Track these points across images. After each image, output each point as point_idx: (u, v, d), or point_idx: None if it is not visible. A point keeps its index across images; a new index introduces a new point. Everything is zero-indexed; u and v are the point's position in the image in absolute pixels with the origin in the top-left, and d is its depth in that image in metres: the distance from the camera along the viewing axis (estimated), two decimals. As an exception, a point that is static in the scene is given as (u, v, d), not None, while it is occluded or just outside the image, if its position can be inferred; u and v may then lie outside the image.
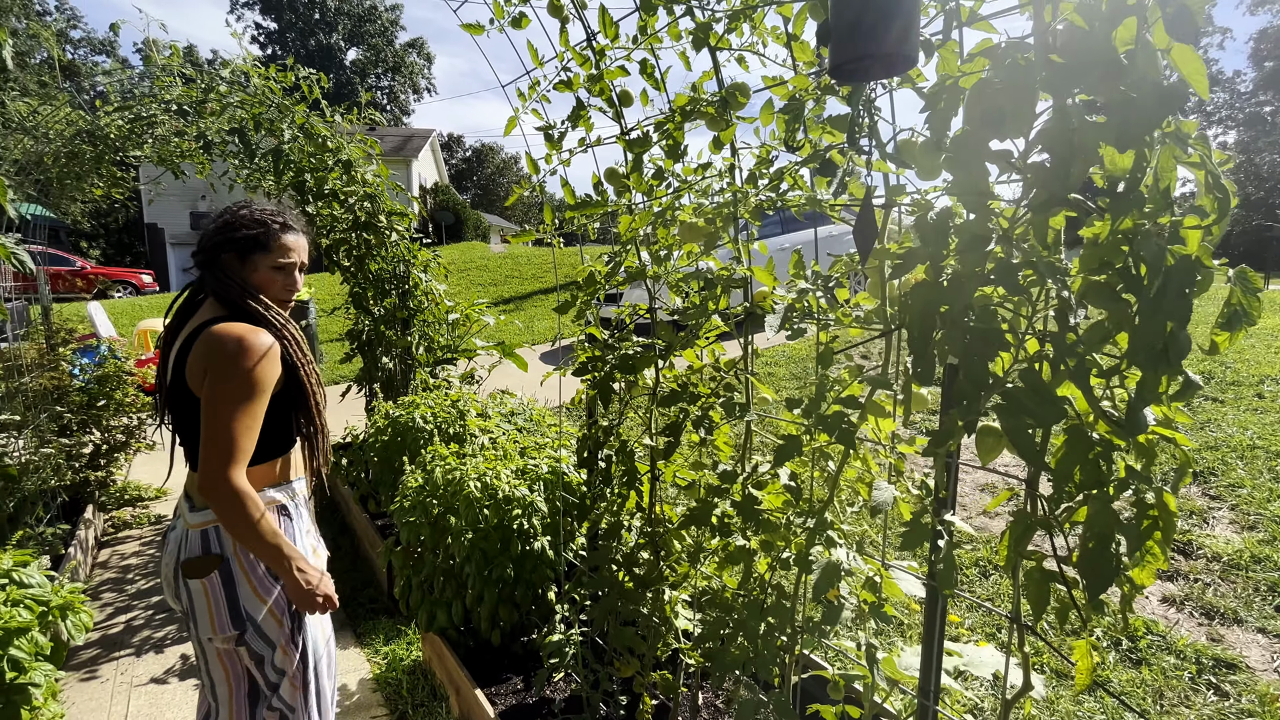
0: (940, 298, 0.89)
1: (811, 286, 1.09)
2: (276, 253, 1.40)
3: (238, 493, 1.25)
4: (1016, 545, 0.94)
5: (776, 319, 1.04)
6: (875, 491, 1.07)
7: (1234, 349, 6.50)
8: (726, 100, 1.21)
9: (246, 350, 1.27)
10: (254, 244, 1.39)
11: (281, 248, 1.41)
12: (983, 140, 0.84)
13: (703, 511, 1.28)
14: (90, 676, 2.60)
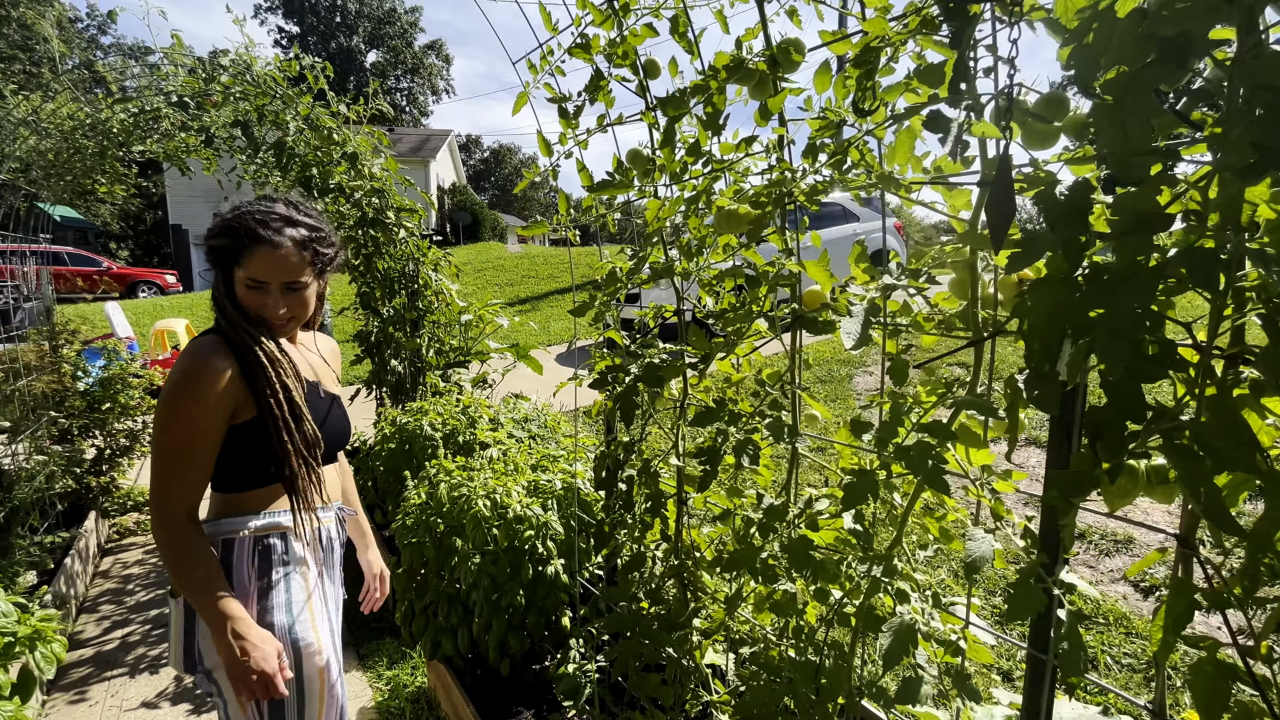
0: (1075, 300, 0.67)
1: (899, 282, 0.87)
2: (245, 269, 1.17)
3: (164, 529, 1.10)
4: (1174, 626, 0.71)
5: (855, 323, 0.82)
6: (970, 543, 0.84)
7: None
8: (777, 58, 0.99)
9: (182, 372, 1.12)
10: (223, 255, 1.19)
11: (250, 263, 1.16)
12: (1151, 83, 0.61)
13: (745, 556, 1.06)
14: (80, 698, 2.45)
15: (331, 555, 1.37)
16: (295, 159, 3.25)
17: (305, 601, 1.23)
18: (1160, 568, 3.21)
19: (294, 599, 1.21)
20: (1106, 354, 0.59)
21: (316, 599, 1.26)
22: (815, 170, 0.98)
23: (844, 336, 0.82)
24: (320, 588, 1.29)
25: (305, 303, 1.24)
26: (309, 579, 1.26)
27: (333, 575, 1.38)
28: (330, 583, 1.36)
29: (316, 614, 1.24)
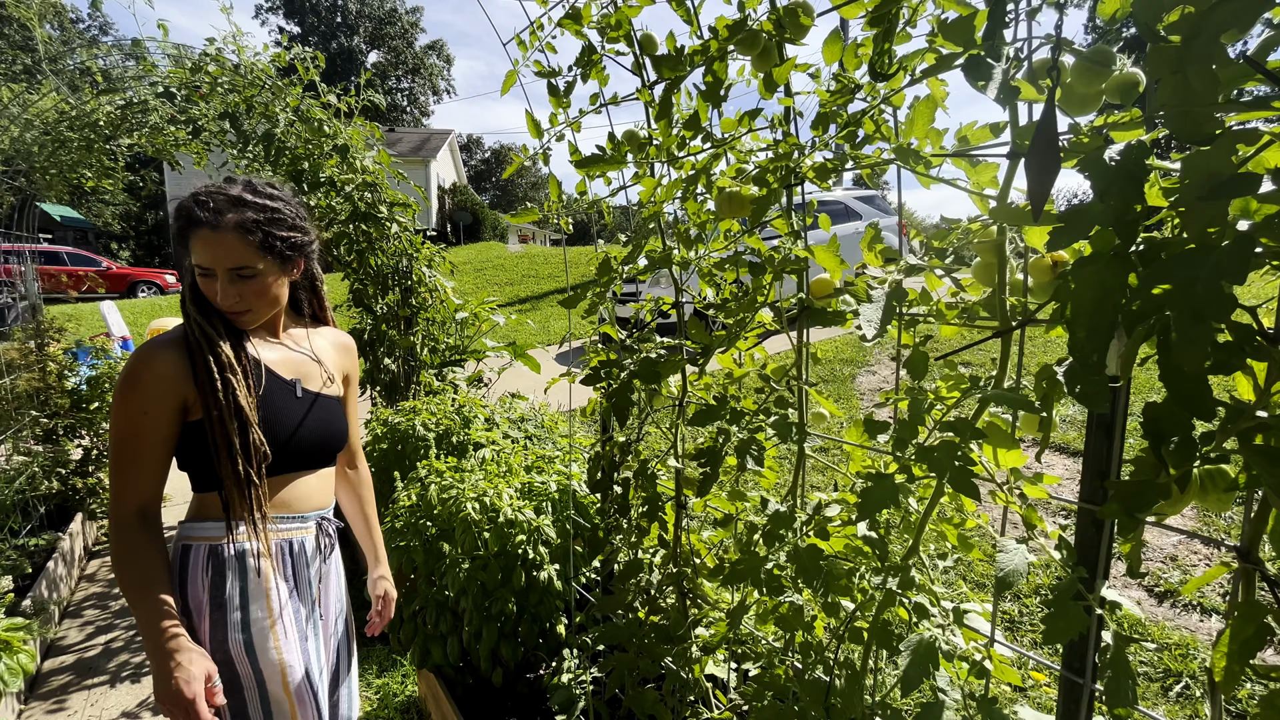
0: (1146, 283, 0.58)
1: (926, 263, 0.78)
2: (192, 254, 1.09)
3: (112, 526, 1.07)
4: (1241, 654, 0.62)
5: (876, 309, 0.73)
6: (1002, 555, 0.75)
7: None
8: (783, 21, 0.90)
9: (128, 367, 1.07)
10: (179, 241, 1.10)
11: (194, 248, 1.07)
12: (1223, 25, 0.52)
13: (749, 566, 0.98)
14: (58, 708, 2.37)
15: (306, 571, 1.23)
16: (285, 152, 3.16)
17: (267, 619, 1.13)
18: (1175, 572, 3.12)
19: (253, 616, 1.11)
20: (1186, 340, 0.51)
21: (287, 617, 1.16)
22: (825, 145, 0.89)
23: (864, 325, 0.73)
24: (294, 605, 1.19)
25: (263, 291, 1.12)
26: (275, 596, 1.15)
27: (314, 592, 1.24)
28: (312, 601, 1.24)
29: (284, 633, 1.14)
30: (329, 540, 1.30)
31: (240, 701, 1.10)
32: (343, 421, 1.31)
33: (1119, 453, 0.77)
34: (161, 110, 3.22)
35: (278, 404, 1.16)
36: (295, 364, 1.25)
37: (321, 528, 1.28)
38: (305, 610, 1.22)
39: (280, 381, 1.19)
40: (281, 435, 1.16)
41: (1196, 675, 2.44)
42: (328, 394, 1.29)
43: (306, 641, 1.21)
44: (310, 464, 1.25)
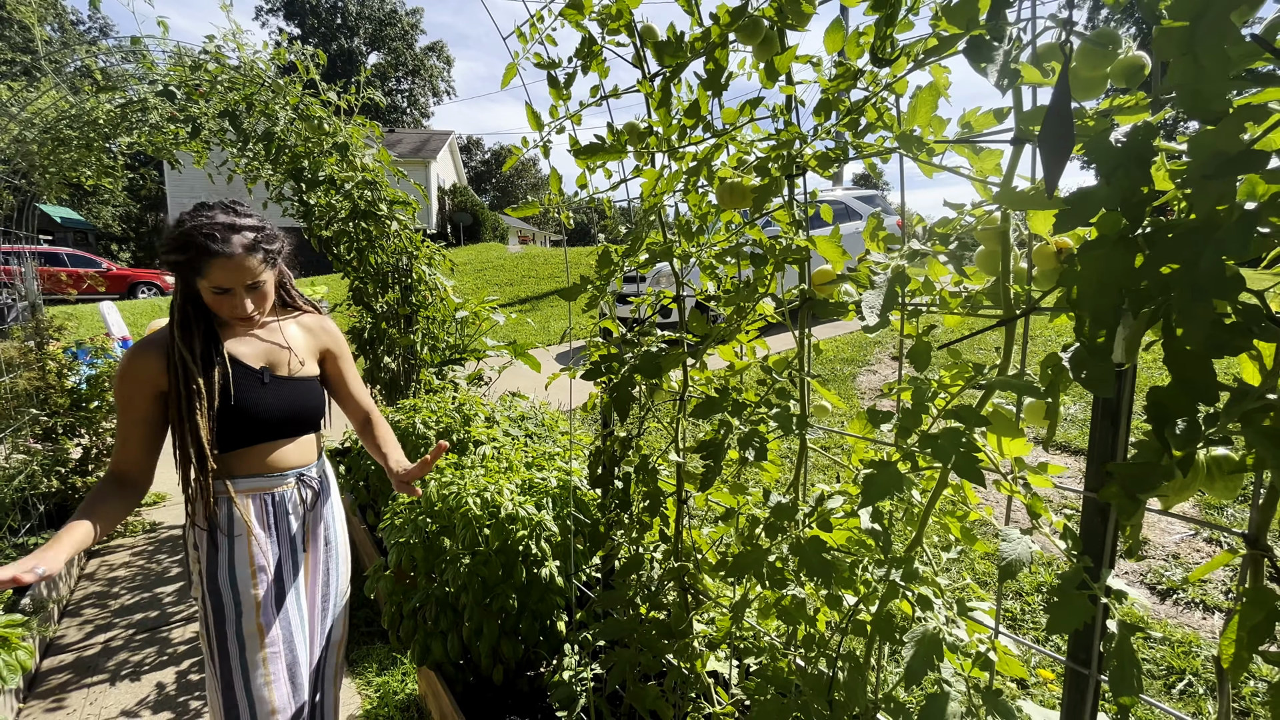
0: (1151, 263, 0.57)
1: (929, 249, 0.78)
2: (207, 279, 1.29)
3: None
4: (1250, 640, 0.61)
5: (878, 296, 0.73)
6: (1005, 544, 0.75)
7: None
8: (785, 8, 0.90)
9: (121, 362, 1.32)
10: (183, 269, 1.30)
11: (211, 274, 1.27)
12: (1230, 5, 0.52)
13: (751, 559, 0.97)
14: (57, 706, 2.36)
15: (287, 517, 1.45)
16: (285, 150, 3.16)
17: (248, 560, 1.37)
18: (1178, 569, 3.11)
19: (236, 558, 1.36)
20: (1188, 318, 0.50)
21: (262, 559, 1.39)
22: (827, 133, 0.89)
23: (866, 312, 0.72)
24: (276, 554, 1.43)
25: (266, 296, 1.36)
26: (256, 547, 1.39)
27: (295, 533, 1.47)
28: (296, 546, 1.47)
29: (261, 572, 1.38)
30: (310, 491, 1.52)
31: (223, 627, 1.34)
32: (316, 398, 1.52)
33: (1125, 440, 0.77)
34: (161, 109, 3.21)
35: (245, 391, 1.37)
36: (265, 353, 1.45)
37: (302, 480, 1.49)
38: (285, 552, 1.45)
39: (249, 371, 1.40)
40: (250, 415, 1.37)
41: (1200, 672, 2.43)
42: (299, 376, 1.49)
43: (284, 581, 1.44)
44: (283, 434, 1.45)
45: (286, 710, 1.40)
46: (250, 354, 1.43)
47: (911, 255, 0.79)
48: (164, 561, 3.52)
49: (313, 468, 1.54)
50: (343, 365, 1.62)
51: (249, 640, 1.36)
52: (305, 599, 1.52)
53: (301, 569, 1.50)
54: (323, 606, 1.57)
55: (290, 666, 1.43)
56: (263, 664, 1.37)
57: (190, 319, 1.33)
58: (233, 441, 1.37)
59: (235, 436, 1.37)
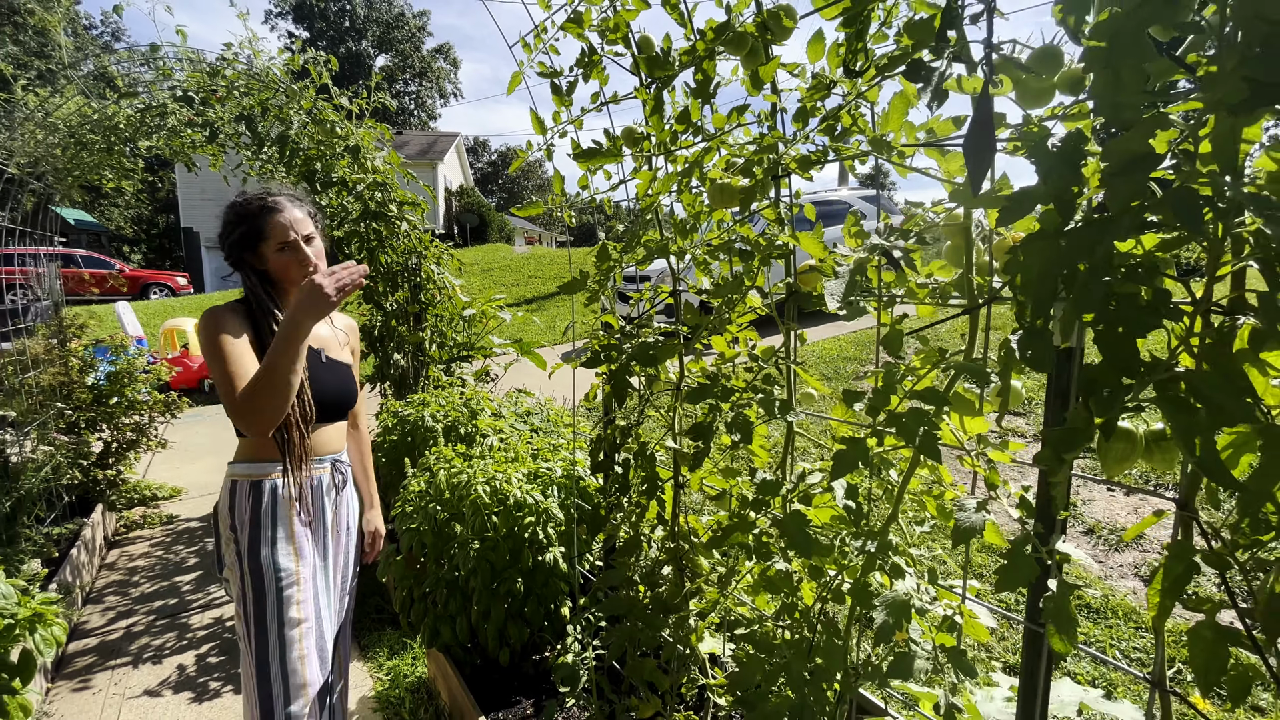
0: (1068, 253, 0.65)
1: (886, 243, 0.85)
2: (273, 237, 1.42)
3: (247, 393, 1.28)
4: (1172, 589, 0.69)
5: (840, 284, 0.81)
6: (960, 513, 0.82)
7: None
8: (768, 24, 0.98)
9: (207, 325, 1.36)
10: (246, 240, 1.43)
11: (274, 229, 1.42)
12: (1144, 23, 0.59)
13: (736, 529, 1.05)
14: (83, 686, 2.47)
15: (322, 500, 1.52)
16: (299, 153, 3.26)
17: (289, 539, 1.44)
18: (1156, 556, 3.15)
19: (279, 536, 1.42)
20: (1083, 296, 0.58)
21: (301, 540, 1.46)
22: (807, 138, 0.96)
23: (828, 299, 0.80)
24: (309, 534, 1.49)
25: (320, 254, 1.47)
26: (295, 524, 1.45)
27: (327, 519, 1.53)
28: (326, 528, 1.53)
29: (301, 553, 1.45)
30: (341, 476, 1.59)
31: (262, 605, 1.39)
32: (354, 383, 1.61)
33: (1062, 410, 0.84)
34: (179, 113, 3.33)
35: (311, 369, 1.47)
36: (318, 335, 1.56)
37: (335, 467, 1.57)
38: (317, 535, 1.51)
39: (311, 350, 1.49)
40: (314, 394, 1.45)
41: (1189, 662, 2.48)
42: (341, 360, 1.60)
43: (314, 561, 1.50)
44: (330, 417, 1.54)
45: (316, 684, 1.45)
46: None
47: (873, 249, 0.87)
48: (181, 552, 3.63)
49: (344, 454, 1.62)
50: (355, 367, 1.72)
51: (287, 617, 1.41)
52: (333, 581, 1.58)
53: (330, 552, 1.57)
54: (341, 588, 1.64)
55: (319, 643, 1.48)
56: (297, 640, 1.42)
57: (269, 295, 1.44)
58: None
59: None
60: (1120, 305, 0.63)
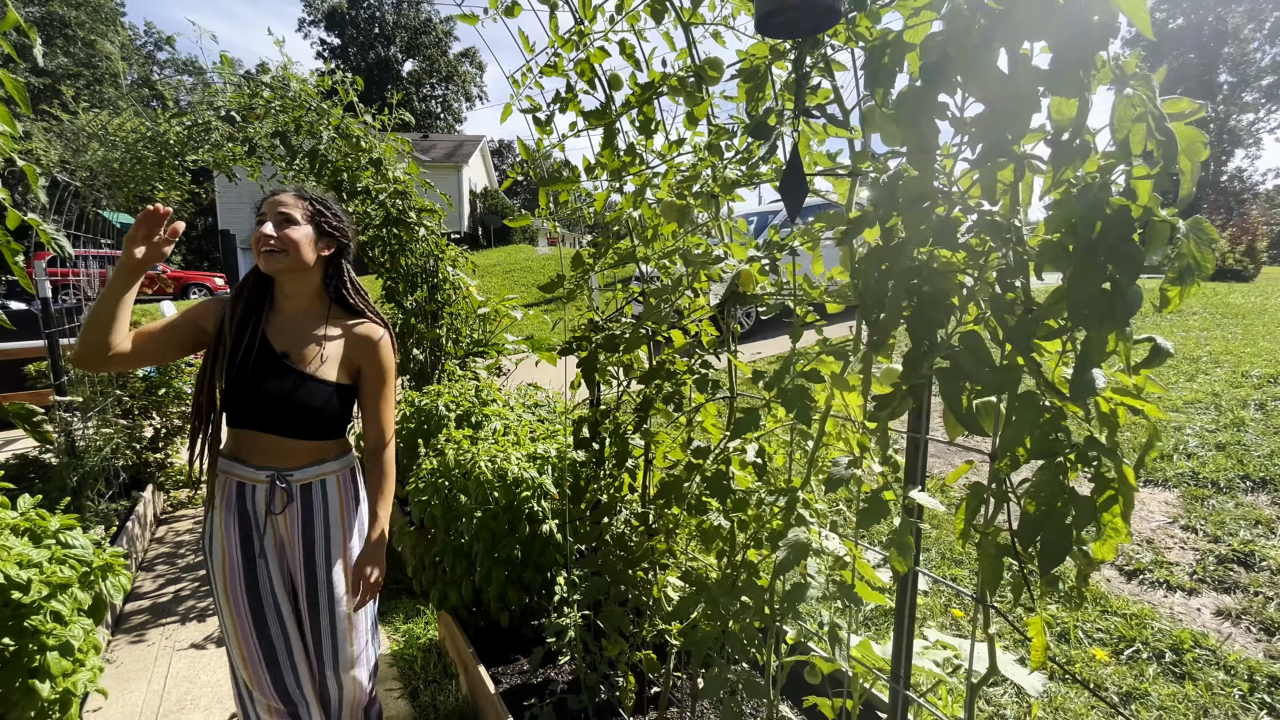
0: (889, 260, 0.87)
1: (761, 254, 1.08)
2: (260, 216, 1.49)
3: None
4: (969, 515, 0.90)
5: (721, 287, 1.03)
6: (834, 468, 1.04)
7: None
8: (700, 75, 1.21)
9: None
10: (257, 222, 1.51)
11: (263, 207, 1.49)
12: (929, 95, 0.81)
13: (675, 485, 1.28)
14: (138, 640, 2.80)
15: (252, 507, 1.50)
16: (328, 165, 3.58)
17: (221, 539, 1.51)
18: (1148, 553, 3.28)
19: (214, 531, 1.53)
20: (889, 286, 0.80)
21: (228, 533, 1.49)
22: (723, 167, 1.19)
23: (712, 297, 1.02)
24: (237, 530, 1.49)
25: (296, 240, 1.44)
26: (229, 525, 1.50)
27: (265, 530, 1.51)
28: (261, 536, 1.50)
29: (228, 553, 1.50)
30: (284, 493, 1.49)
31: (213, 588, 1.53)
32: (320, 402, 1.49)
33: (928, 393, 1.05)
34: (221, 129, 3.67)
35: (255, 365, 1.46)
36: (292, 341, 1.50)
37: (274, 482, 1.49)
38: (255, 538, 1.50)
39: (267, 348, 1.48)
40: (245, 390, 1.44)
41: (1149, 641, 2.63)
42: (318, 375, 1.50)
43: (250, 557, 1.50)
44: (272, 426, 1.47)
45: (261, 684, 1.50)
46: (278, 338, 1.50)
47: (750, 259, 1.09)
48: (222, 529, 3.98)
49: (298, 473, 1.51)
50: (367, 386, 1.59)
51: (222, 606, 1.51)
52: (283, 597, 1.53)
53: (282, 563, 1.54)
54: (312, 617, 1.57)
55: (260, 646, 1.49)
56: (234, 634, 1.49)
57: (244, 288, 1.50)
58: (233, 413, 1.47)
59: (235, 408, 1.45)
60: (919, 300, 0.85)
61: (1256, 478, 3.82)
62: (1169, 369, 5.87)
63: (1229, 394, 5.08)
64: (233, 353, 1.44)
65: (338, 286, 1.58)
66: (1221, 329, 7.25)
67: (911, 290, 0.82)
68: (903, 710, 1.13)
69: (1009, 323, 0.76)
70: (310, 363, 1.50)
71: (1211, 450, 4.23)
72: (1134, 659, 2.56)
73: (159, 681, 2.49)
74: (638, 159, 1.36)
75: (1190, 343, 6.68)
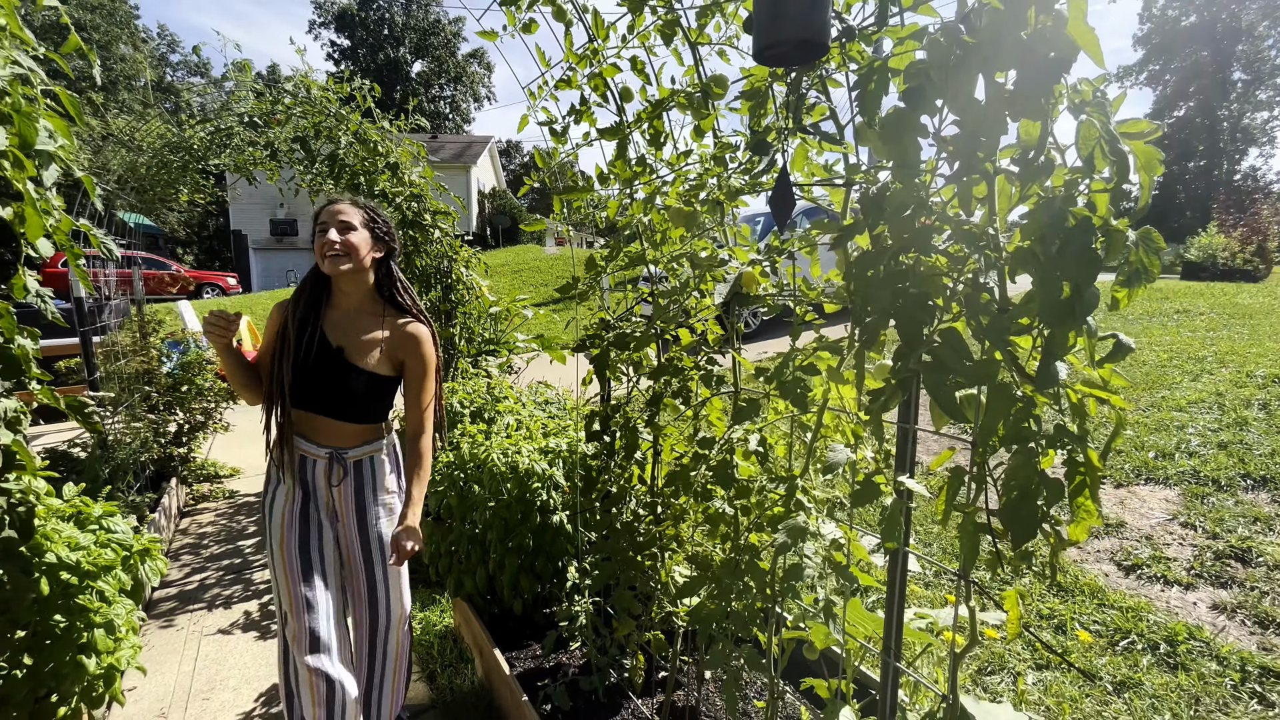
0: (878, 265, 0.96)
1: (762, 258, 1.17)
2: (319, 222, 1.67)
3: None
4: (950, 496, 0.99)
5: (724, 287, 1.12)
6: (830, 454, 1.13)
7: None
8: (707, 92, 1.30)
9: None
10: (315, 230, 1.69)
11: (322, 215, 1.67)
12: (911, 116, 0.90)
13: (683, 473, 1.37)
14: (168, 624, 2.93)
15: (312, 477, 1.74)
16: (345, 169, 3.70)
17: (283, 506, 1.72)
18: (1146, 548, 3.35)
19: (277, 499, 1.73)
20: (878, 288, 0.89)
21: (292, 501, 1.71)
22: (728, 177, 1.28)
23: (716, 295, 1.11)
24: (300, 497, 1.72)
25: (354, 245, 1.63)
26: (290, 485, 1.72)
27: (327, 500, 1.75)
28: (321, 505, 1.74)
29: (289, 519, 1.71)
30: (341, 468, 1.75)
31: (270, 548, 1.71)
32: (367, 392, 1.72)
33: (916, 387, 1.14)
34: (243, 134, 3.80)
35: (316, 364, 1.67)
36: (346, 337, 1.71)
37: (334, 457, 1.74)
38: (314, 508, 1.73)
39: (326, 344, 1.69)
40: (307, 381, 1.67)
41: (1144, 633, 2.70)
42: (366, 369, 1.70)
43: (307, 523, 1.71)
44: (330, 411, 1.71)
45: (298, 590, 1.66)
46: (335, 335, 1.70)
47: (752, 262, 1.18)
48: (242, 521, 4.11)
49: (351, 450, 1.76)
50: (410, 378, 1.78)
51: (278, 567, 1.68)
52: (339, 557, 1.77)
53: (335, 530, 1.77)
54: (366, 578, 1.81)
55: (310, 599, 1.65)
56: (285, 585, 1.66)
57: (304, 289, 1.70)
58: (297, 399, 1.67)
59: (299, 395, 1.67)
60: (905, 301, 0.94)
61: (1257, 476, 3.87)
62: (1173, 368, 5.91)
63: (1233, 393, 5.12)
64: (295, 348, 1.65)
65: (390, 286, 1.79)
66: (1228, 329, 7.26)
67: (898, 292, 0.91)
68: (894, 680, 1.22)
69: (984, 321, 0.85)
70: (361, 356, 1.71)
71: (1213, 449, 4.28)
72: (1129, 650, 2.63)
73: (189, 663, 2.61)
74: (648, 169, 1.45)
75: (1196, 342, 6.70)
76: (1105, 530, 3.59)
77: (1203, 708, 2.31)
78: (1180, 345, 6.61)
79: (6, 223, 1.23)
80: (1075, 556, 3.36)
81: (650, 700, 2.06)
